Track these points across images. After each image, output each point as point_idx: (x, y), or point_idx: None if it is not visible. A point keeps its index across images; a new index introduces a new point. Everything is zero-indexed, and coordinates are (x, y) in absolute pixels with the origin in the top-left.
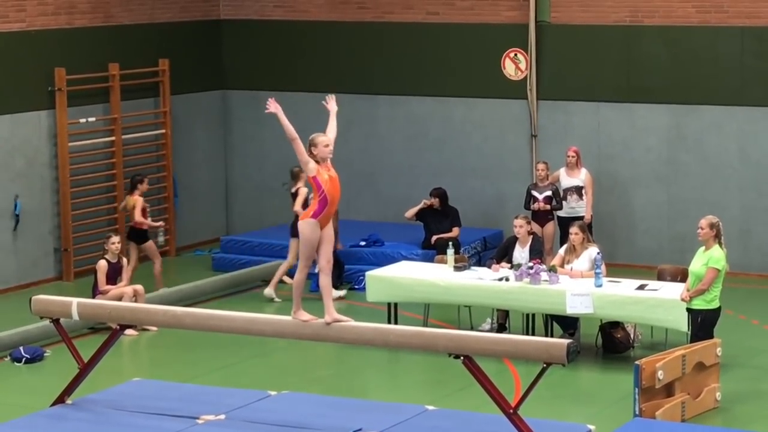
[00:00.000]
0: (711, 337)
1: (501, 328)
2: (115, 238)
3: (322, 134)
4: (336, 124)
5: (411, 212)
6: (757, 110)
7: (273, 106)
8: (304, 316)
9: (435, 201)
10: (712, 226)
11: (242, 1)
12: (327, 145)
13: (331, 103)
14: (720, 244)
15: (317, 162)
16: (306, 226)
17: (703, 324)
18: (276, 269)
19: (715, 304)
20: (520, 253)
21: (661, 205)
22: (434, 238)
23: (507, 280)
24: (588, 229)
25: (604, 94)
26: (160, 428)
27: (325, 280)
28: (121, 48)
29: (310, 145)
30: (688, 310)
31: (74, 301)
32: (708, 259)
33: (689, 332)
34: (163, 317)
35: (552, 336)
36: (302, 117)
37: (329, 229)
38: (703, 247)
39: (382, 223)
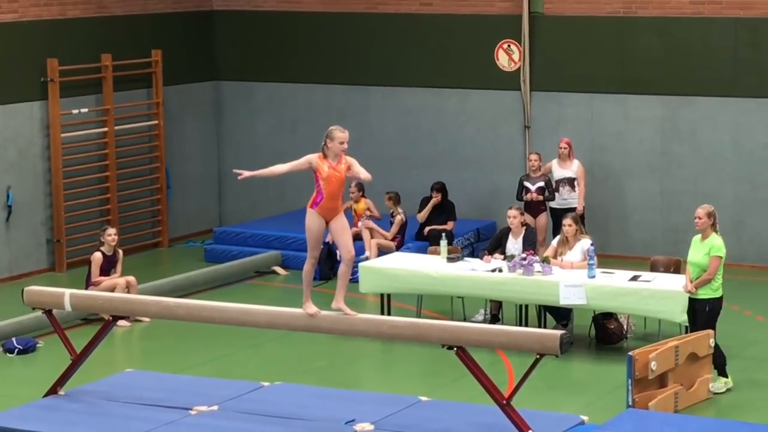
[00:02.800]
0: (715, 324)
1: (494, 319)
2: (112, 230)
3: (342, 130)
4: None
5: (423, 214)
6: (750, 101)
7: (245, 175)
8: (311, 309)
9: (438, 195)
10: (709, 215)
11: None
12: (342, 143)
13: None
14: (716, 231)
15: (326, 156)
16: (307, 216)
17: (710, 313)
18: (268, 260)
19: (720, 292)
20: (513, 245)
21: (655, 197)
22: (427, 229)
23: (500, 271)
24: (581, 220)
25: (598, 86)
26: (153, 419)
27: (344, 268)
28: (114, 39)
29: (326, 137)
30: (693, 300)
31: (67, 292)
32: (709, 248)
33: (689, 322)
34: (156, 308)
35: (545, 327)
36: (294, 108)
37: (340, 219)
38: (699, 237)
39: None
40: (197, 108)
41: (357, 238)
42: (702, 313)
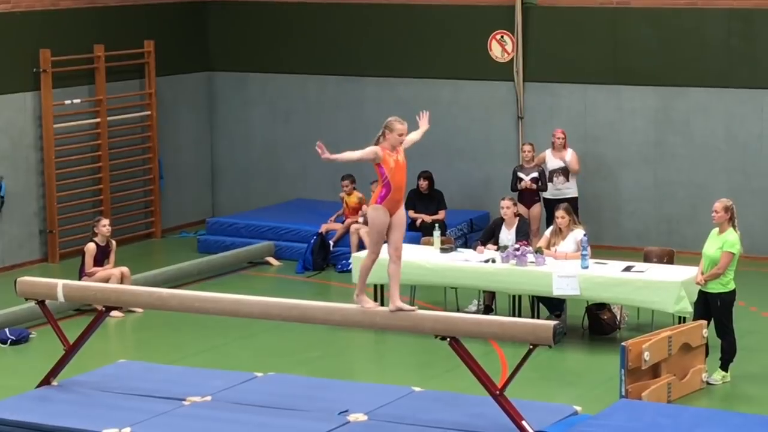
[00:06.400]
0: (731, 318)
1: (487, 309)
2: (105, 221)
3: (401, 122)
4: (419, 138)
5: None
6: (743, 92)
7: (325, 155)
8: (368, 303)
9: (425, 184)
10: (726, 209)
11: None
12: (401, 135)
13: (423, 120)
14: (734, 227)
15: (385, 147)
16: (372, 212)
17: (723, 307)
18: (262, 251)
19: (731, 287)
20: (507, 235)
21: (648, 187)
22: (419, 220)
23: (493, 261)
24: (574, 211)
25: (591, 76)
26: (146, 410)
27: (393, 267)
28: (107, 29)
29: (385, 128)
30: (703, 293)
31: (60, 283)
32: (723, 242)
33: (695, 313)
34: (149, 299)
35: (538, 317)
36: (287, 98)
37: (400, 215)
38: (717, 230)
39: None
40: (190, 99)
41: (346, 232)
42: (714, 307)
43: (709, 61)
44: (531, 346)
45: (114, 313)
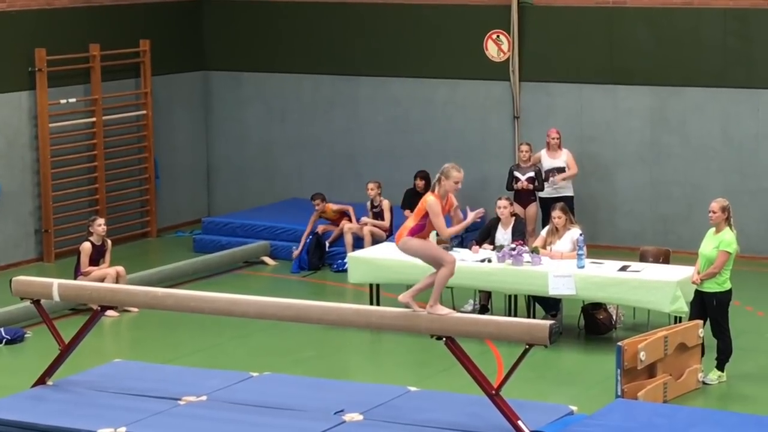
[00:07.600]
0: (727, 318)
1: (483, 309)
2: (101, 220)
3: (458, 170)
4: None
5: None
6: (739, 92)
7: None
8: (442, 310)
9: (421, 183)
10: (723, 209)
11: None
12: (457, 182)
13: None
14: (730, 226)
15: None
16: (407, 244)
17: (719, 307)
18: (257, 251)
19: (726, 286)
20: (503, 235)
21: (644, 187)
22: None
23: (489, 261)
24: (570, 210)
25: (587, 76)
26: (142, 409)
27: (446, 272)
28: (102, 28)
29: (441, 174)
30: (699, 292)
31: (55, 282)
32: (719, 242)
33: (691, 312)
34: (144, 298)
35: (534, 317)
36: (283, 98)
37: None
38: (713, 230)
39: (363, 205)
40: (186, 98)
41: (339, 237)
42: (710, 307)
43: (705, 60)
44: (527, 346)
45: (109, 312)
